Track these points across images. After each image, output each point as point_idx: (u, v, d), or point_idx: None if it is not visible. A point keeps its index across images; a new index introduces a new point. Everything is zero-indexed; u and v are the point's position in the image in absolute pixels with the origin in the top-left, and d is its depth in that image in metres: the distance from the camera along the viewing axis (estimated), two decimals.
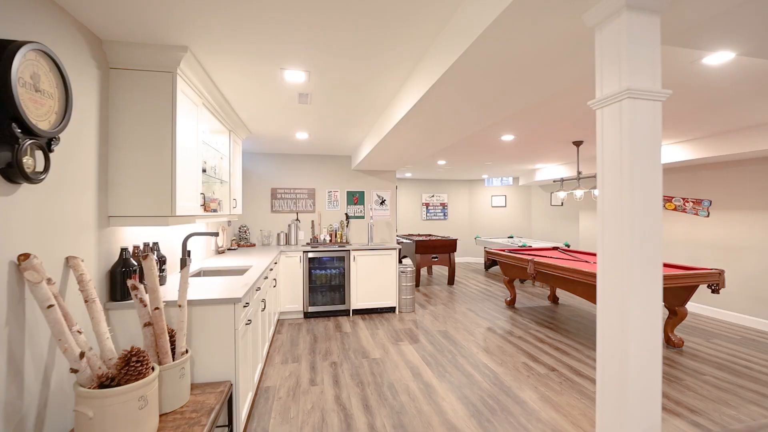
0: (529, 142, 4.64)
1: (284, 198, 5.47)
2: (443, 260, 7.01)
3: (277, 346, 3.92)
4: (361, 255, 5.02)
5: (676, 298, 3.75)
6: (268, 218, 5.44)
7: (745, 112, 3.39)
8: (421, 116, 2.71)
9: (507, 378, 3.16)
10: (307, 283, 4.90)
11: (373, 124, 3.76)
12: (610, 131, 1.20)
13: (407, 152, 4.15)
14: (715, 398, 2.83)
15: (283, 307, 4.83)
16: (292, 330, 4.44)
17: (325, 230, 5.56)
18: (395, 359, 3.56)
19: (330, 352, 3.74)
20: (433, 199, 9.78)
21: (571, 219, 7.80)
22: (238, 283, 2.48)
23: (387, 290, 5.11)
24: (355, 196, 5.68)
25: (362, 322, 4.73)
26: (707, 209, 4.95)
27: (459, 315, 5.06)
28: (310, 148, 5.07)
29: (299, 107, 3.20)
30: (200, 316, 2.05)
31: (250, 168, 5.40)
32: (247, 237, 5.21)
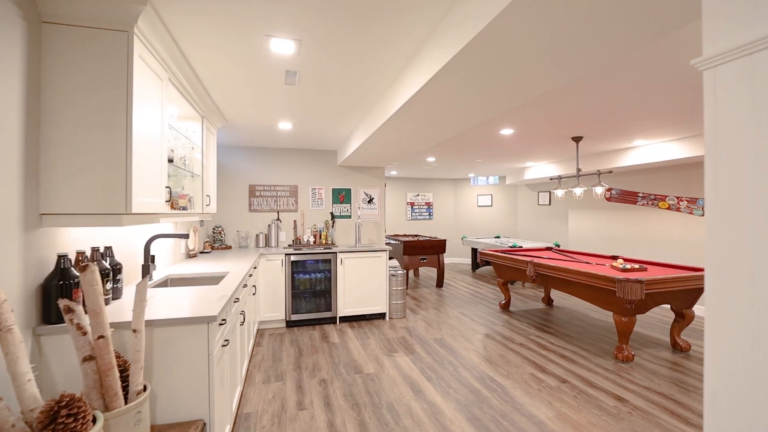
0: (527, 136, 4.40)
1: (264, 196, 5.01)
2: (432, 261, 6.72)
3: (257, 361, 3.48)
4: (348, 257, 4.64)
5: (685, 300, 3.57)
6: (246, 218, 4.97)
7: None
8: (423, 105, 2.37)
9: (517, 392, 2.87)
10: (289, 288, 4.47)
11: (366, 113, 3.39)
12: (732, 98, 0.89)
13: (401, 146, 3.81)
14: None
15: (263, 316, 4.38)
16: (273, 341, 4.01)
17: (309, 231, 5.14)
18: (392, 374, 3.21)
19: (318, 367, 3.34)
20: (418, 198, 9.49)
21: (558, 218, 7.68)
22: (213, 295, 2.06)
23: (376, 295, 4.75)
24: (341, 193, 5.29)
25: (351, 331, 4.34)
26: (702, 208, 4.86)
27: (453, 320, 4.76)
28: (293, 141, 4.65)
29: (285, 90, 2.79)
30: (165, 339, 1.62)
31: (225, 162, 4.91)
32: (222, 239, 4.73)
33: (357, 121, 3.70)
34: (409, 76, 2.33)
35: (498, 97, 2.27)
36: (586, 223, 6.63)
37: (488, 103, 2.37)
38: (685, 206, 5.05)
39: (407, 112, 2.61)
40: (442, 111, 2.54)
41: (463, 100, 2.32)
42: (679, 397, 2.79)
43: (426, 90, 2.16)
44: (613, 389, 2.91)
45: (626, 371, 3.24)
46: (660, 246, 5.37)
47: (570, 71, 1.87)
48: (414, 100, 2.34)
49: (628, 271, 3.72)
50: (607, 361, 3.46)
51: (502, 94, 2.20)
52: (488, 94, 2.21)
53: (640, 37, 1.48)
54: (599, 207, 6.34)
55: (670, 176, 5.24)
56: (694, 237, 4.96)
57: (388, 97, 2.78)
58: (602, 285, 3.36)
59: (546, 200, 7.99)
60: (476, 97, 2.26)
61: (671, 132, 4.20)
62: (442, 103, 2.39)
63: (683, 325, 3.64)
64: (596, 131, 4.14)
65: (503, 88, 2.11)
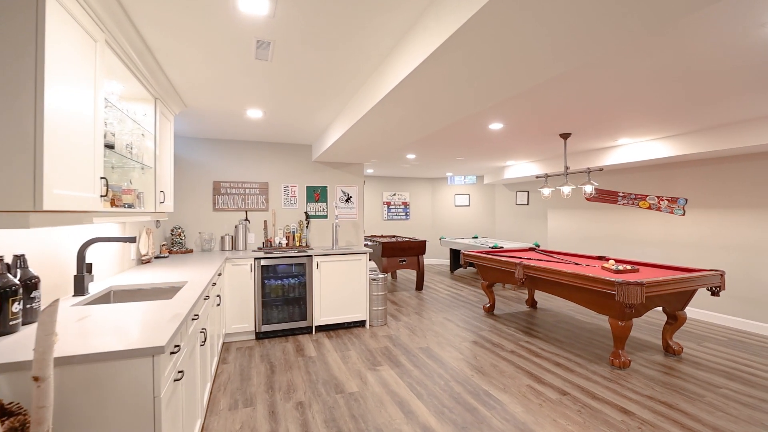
0: (516, 132, 4.19)
1: (230, 194, 4.53)
2: (411, 263, 6.43)
3: (222, 382, 3.04)
4: (325, 261, 4.25)
5: (678, 302, 3.46)
6: (210, 218, 4.47)
7: (744, 105, 3.17)
8: (415, 89, 2.06)
9: (517, 409, 2.60)
10: (259, 296, 4.02)
11: (349, 98, 3.03)
12: None
13: (386, 139, 3.48)
14: (747, 418, 2.50)
15: (229, 328, 3.91)
16: (241, 357, 3.56)
17: (281, 232, 4.70)
18: (378, 392, 2.87)
19: (293, 387, 2.94)
20: (394, 197, 9.20)
21: (537, 218, 7.61)
22: (165, 313, 1.64)
23: (356, 302, 4.39)
24: (316, 191, 4.89)
25: (328, 342, 3.96)
26: (683, 207, 4.86)
27: (438, 326, 4.48)
28: (264, 133, 4.20)
29: (255, 67, 2.39)
30: (93, 381, 1.20)
31: (186, 155, 4.39)
32: (182, 241, 4.21)
33: (338, 109, 3.33)
34: (402, 55, 2.01)
35: (495, 85, 2.00)
36: (565, 223, 6.57)
37: (484, 91, 2.09)
38: (666, 206, 5.04)
39: (397, 98, 2.28)
40: (436, 97, 2.23)
41: (459, 85, 2.03)
42: (685, 407, 2.62)
43: (421, 71, 1.85)
44: (616, 400, 2.71)
45: (624, 378, 3.06)
46: (641, 246, 5.34)
47: (569, 60, 1.70)
48: (406, 83, 2.02)
49: (621, 273, 3.57)
50: (603, 367, 3.29)
51: (499, 81, 1.96)
52: (486, 80, 1.94)
53: (642, 26, 1.36)
54: (579, 207, 6.29)
55: (651, 176, 5.22)
56: (675, 236, 4.95)
57: (376, 79, 2.44)
58: (599, 288, 3.18)
59: (524, 200, 7.91)
60: (472, 83, 1.98)
61: (656, 130, 4.12)
62: (437, 88, 2.08)
63: (676, 327, 3.53)
64: (584, 128, 3.99)
65: (501, 74, 1.87)
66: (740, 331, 4.28)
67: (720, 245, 4.51)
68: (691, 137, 4.21)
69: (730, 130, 3.88)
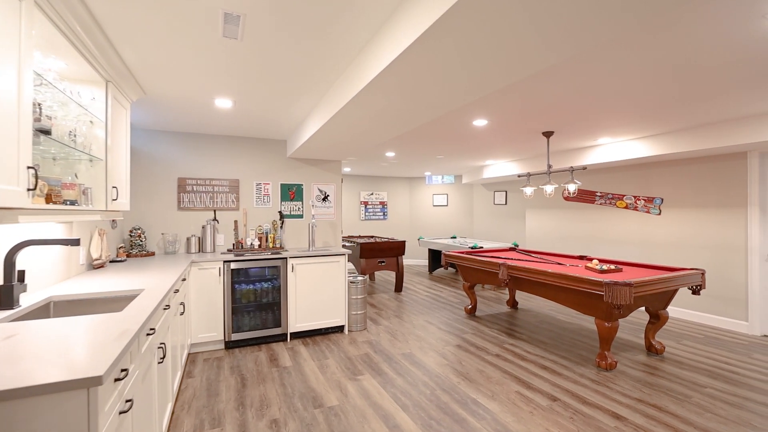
0: (500, 129, 4.08)
1: (197, 191, 4.19)
2: (390, 264, 6.25)
3: (186, 399, 2.74)
4: (301, 263, 4.00)
5: (661, 301, 3.45)
6: (174, 217, 4.11)
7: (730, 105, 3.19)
8: (402, 76, 1.88)
9: (508, 418, 2.46)
10: (229, 302, 3.72)
11: (329, 87, 2.80)
12: None
13: (367, 134, 3.27)
14: (735, 418, 2.46)
15: (195, 338, 3.59)
16: (209, 369, 3.26)
17: (253, 233, 4.40)
18: (360, 405, 2.66)
19: (267, 402, 2.69)
20: (372, 197, 8.99)
21: (515, 218, 7.62)
22: (112, 330, 1.37)
23: (334, 306, 4.16)
24: (291, 190, 4.62)
25: (305, 350, 3.71)
26: (659, 207, 4.92)
27: (419, 330, 4.31)
28: (234, 126, 3.90)
29: (223, 47, 2.13)
30: (4, 422, 0.94)
31: (147, 150, 4.02)
32: (143, 243, 3.84)
33: (315, 100, 3.10)
34: (387, 39, 1.82)
35: (486, 74, 1.87)
36: (544, 223, 6.58)
37: (474, 81, 1.95)
38: (643, 205, 5.10)
39: (381, 86, 2.09)
40: (423, 86, 2.06)
41: (448, 73, 1.87)
42: (674, 409, 2.57)
43: (408, 56, 1.69)
44: (607, 405, 2.63)
45: (612, 381, 3.00)
46: (618, 245, 5.39)
47: (561, 50, 1.60)
48: (392, 69, 1.84)
49: (606, 273, 3.52)
50: (590, 369, 3.22)
51: (491, 70, 1.83)
52: (477, 69, 1.79)
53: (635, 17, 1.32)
54: (557, 206, 6.31)
55: (628, 176, 5.28)
56: (652, 236, 5.01)
57: (358, 66, 2.24)
58: (587, 289, 3.10)
59: (502, 200, 7.91)
60: (462, 72, 1.83)
61: (636, 130, 4.13)
62: (424, 76, 1.90)
63: (658, 326, 3.52)
64: (567, 126, 3.94)
65: (493, 62, 1.74)
66: (714, 328, 4.36)
67: (694, 244, 4.59)
68: (668, 137, 4.26)
69: (705, 130, 3.93)
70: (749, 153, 4.12)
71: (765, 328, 4.07)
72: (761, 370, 3.21)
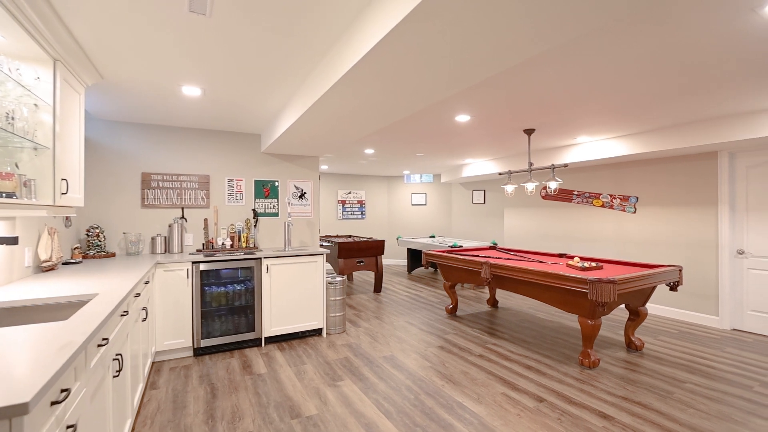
0: (482, 125, 4.02)
1: (163, 187, 3.90)
2: (369, 264, 6.10)
3: (149, 413, 2.49)
4: (276, 264, 3.79)
5: (641, 298, 3.47)
6: (138, 216, 3.81)
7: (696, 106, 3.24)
8: (384, 62, 1.74)
9: (496, 422, 2.37)
10: (198, 306, 3.47)
11: (307, 75, 2.63)
12: None
13: (344, 128, 3.12)
14: (717, 413, 2.47)
15: (160, 345, 3.32)
16: (175, 379, 3.01)
17: (225, 232, 4.15)
18: (340, 413, 2.50)
19: (239, 414, 2.48)
20: (350, 196, 8.82)
21: (493, 217, 7.64)
22: (56, 339, 1.16)
23: (311, 308, 3.97)
24: (266, 186, 4.39)
25: (281, 356, 3.51)
26: (634, 205, 5.01)
27: (400, 331, 4.19)
28: (205, 118, 3.65)
29: (190, 23, 1.93)
30: None
31: (107, 142, 3.70)
32: (102, 243, 3.53)
33: (292, 89, 2.92)
34: (369, 23, 1.68)
35: (472, 61, 1.76)
36: (522, 222, 6.61)
37: (461, 68, 1.84)
38: (618, 204, 5.18)
39: (362, 74, 1.95)
40: (407, 73, 1.93)
41: (433, 60, 1.77)
42: (659, 406, 2.55)
43: (390, 42, 1.56)
44: (594, 404, 2.58)
45: (596, 379, 2.97)
46: (595, 243, 5.47)
47: (551, 38, 1.54)
48: (374, 56, 1.71)
49: (587, 270, 3.51)
50: (573, 368, 3.19)
51: (477, 57, 1.73)
52: (464, 54, 1.69)
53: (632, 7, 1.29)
54: (535, 205, 6.35)
55: (605, 175, 5.36)
56: (627, 233, 5.10)
57: (338, 53, 2.08)
58: (571, 286, 3.06)
59: (481, 199, 7.92)
60: (447, 59, 1.71)
61: (614, 128, 4.17)
62: (408, 62, 1.78)
63: (638, 323, 3.55)
64: (548, 123, 3.92)
65: (480, 48, 1.64)
66: (687, 323, 4.46)
67: (668, 241, 4.69)
68: (643, 137, 4.33)
69: (678, 130, 4.01)
70: (719, 153, 4.24)
71: (734, 323, 4.20)
72: (735, 363, 3.28)
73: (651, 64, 2.43)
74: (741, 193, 4.17)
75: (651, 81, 2.74)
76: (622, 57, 2.32)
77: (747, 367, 3.21)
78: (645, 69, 2.52)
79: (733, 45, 2.17)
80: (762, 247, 4.02)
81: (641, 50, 2.23)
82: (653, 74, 2.61)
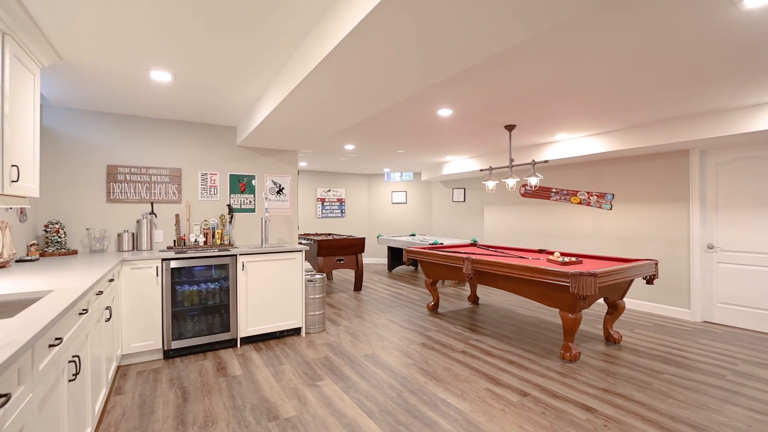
0: (464, 120, 3.99)
1: (131, 181, 3.68)
2: (349, 262, 6.00)
3: (113, 421, 2.31)
4: (252, 261, 3.64)
5: (619, 292, 3.52)
6: (103, 210, 3.58)
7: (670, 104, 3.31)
8: (361, 51, 1.66)
9: (480, 418, 2.33)
10: (168, 306, 3.28)
11: (286, 60, 2.51)
12: None
13: (323, 119, 3.01)
14: (694, 402, 2.51)
15: (127, 348, 3.12)
16: (143, 383, 2.82)
17: (198, 228, 3.96)
18: (321, 414, 2.39)
19: (213, 418, 2.34)
20: (329, 194, 8.67)
21: (473, 215, 7.67)
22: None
23: (289, 307, 3.84)
24: (241, 181, 4.22)
25: (257, 356, 3.37)
26: (610, 202, 5.12)
27: (382, 329, 4.11)
28: (177, 107, 3.46)
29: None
30: None
31: (68, 131, 3.45)
32: (61, 240, 3.28)
33: (269, 77, 2.79)
34: (346, 5, 1.60)
35: (453, 48, 1.70)
36: (501, 219, 6.66)
37: (442, 55, 1.77)
38: (595, 201, 5.28)
39: (338, 61, 1.87)
40: (384, 61, 1.85)
41: (410, 46, 1.68)
42: (639, 397, 2.57)
43: (367, 26, 1.48)
44: (576, 397, 2.58)
45: (577, 372, 2.98)
46: (573, 239, 5.55)
47: (532, 25, 1.51)
48: (350, 42, 1.62)
49: (567, 264, 3.54)
50: (555, 362, 3.19)
51: (459, 43, 1.67)
52: (445, 41, 1.61)
53: None
54: (514, 203, 6.41)
55: (582, 172, 5.45)
56: (604, 230, 5.20)
57: (314, 39, 1.99)
58: (553, 280, 3.07)
59: (461, 197, 7.94)
60: (426, 44, 1.64)
61: (591, 126, 4.23)
62: (384, 51, 1.70)
63: (616, 316, 3.59)
64: (528, 119, 3.94)
65: (462, 35, 1.58)
66: (661, 316, 4.58)
67: (643, 237, 4.81)
68: (619, 134, 4.41)
69: (652, 128, 4.11)
70: (691, 151, 4.37)
71: (705, 315, 4.34)
72: (708, 353, 3.37)
73: (629, 58, 2.45)
74: (711, 190, 4.31)
75: (628, 75, 2.76)
76: (601, 50, 2.32)
77: (719, 357, 3.30)
78: (623, 63, 2.53)
79: (711, 40, 2.20)
80: (730, 241, 4.16)
81: (620, 43, 2.24)
82: (631, 68, 2.63)
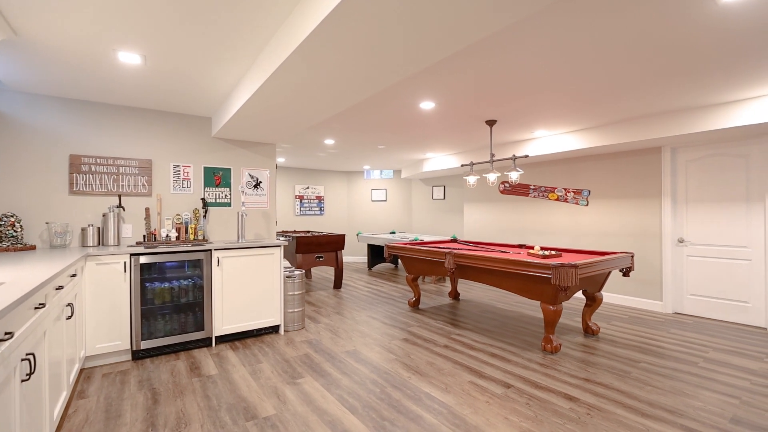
0: (445, 113, 3.97)
1: (96, 171, 3.46)
2: (329, 260, 5.89)
3: (74, 426, 2.14)
4: (228, 256, 3.49)
5: (597, 284, 3.58)
6: (65, 203, 3.35)
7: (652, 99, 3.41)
8: (338, 36, 1.59)
9: (466, 410, 2.29)
10: (137, 304, 3.10)
11: (265, 43, 2.40)
12: None
13: (303, 109, 2.92)
14: (670, 388, 2.57)
15: (91, 348, 2.92)
16: (109, 385, 2.64)
17: (170, 222, 3.77)
18: (301, 412, 2.30)
19: (186, 420, 2.21)
20: (308, 191, 8.52)
21: (453, 212, 7.71)
22: None
23: (267, 304, 3.71)
24: (216, 174, 4.06)
25: (234, 355, 3.23)
26: (587, 198, 5.23)
27: (363, 326, 4.04)
28: (147, 94, 3.28)
29: None
30: None
31: (26, 118, 3.21)
32: (18, 234, 3.04)
33: (246, 64, 2.67)
34: None
35: (433, 34, 1.65)
36: (481, 216, 6.71)
37: (419, 43, 1.73)
38: (572, 197, 5.38)
39: (315, 46, 1.79)
40: (363, 47, 1.79)
41: (389, 33, 1.62)
42: (619, 385, 2.61)
43: (345, 9, 1.41)
44: (559, 387, 2.59)
45: (559, 363, 3.00)
46: (551, 235, 5.65)
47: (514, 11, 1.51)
48: (327, 26, 1.55)
49: (547, 257, 3.57)
50: (536, 354, 3.21)
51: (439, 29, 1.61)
52: (425, 26, 1.56)
53: None
54: (493, 200, 6.47)
55: (559, 169, 5.55)
56: (581, 225, 5.31)
57: (292, 24, 1.90)
58: (534, 272, 3.08)
59: (441, 194, 7.96)
60: (403, 34, 1.59)
61: (568, 123, 4.31)
62: (362, 35, 1.64)
63: (594, 308, 3.66)
64: (509, 114, 3.96)
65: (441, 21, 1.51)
66: (635, 308, 4.71)
67: (618, 232, 4.94)
68: (595, 132, 4.51)
69: (626, 125, 4.22)
70: (663, 148, 4.52)
71: (676, 306, 4.49)
72: (680, 342, 3.47)
73: (607, 50, 2.48)
74: (681, 186, 4.47)
75: (606, 69, 2.81)
76: (579, 41, 2.34)
77: (691, 345, 3.40)
78: (601, 55, 2.56)
79: (687, 35, 2.25)
80: (699, 235, 4.32)
81: (597, 35, 2.26)
82: (604, 61, 2.67)
